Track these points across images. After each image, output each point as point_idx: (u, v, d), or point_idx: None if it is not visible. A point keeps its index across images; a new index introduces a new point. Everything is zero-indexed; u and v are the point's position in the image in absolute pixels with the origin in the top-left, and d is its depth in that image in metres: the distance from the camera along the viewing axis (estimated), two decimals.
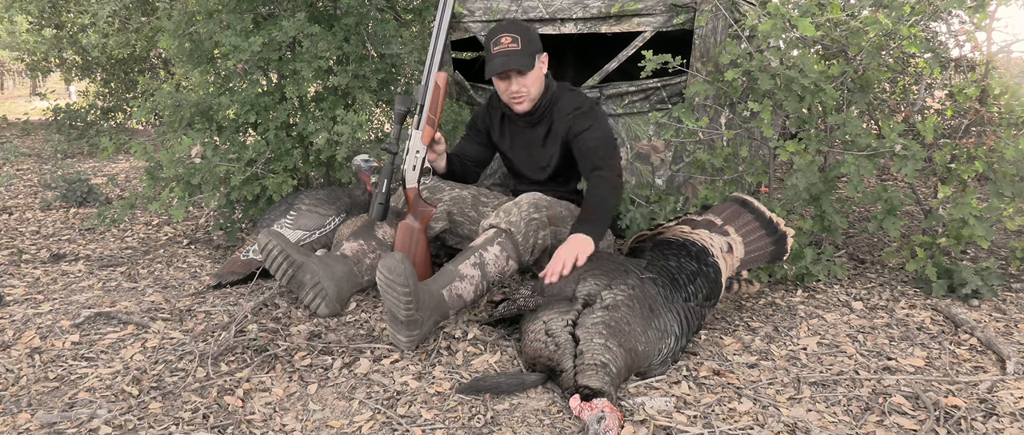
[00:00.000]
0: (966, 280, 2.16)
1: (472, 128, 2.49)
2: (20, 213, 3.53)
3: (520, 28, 2.19)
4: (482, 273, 2.00)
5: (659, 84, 2.65)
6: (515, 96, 2.23)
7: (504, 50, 2.15)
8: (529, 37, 2.18)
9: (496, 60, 2.16)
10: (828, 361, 1.81)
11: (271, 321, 2.03)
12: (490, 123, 2.45)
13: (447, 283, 1.94)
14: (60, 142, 5.44)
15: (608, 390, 1.51)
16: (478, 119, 2.48)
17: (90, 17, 5.91)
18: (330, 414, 1.57)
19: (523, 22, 2.28)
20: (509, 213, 2.09)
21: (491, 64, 2.17)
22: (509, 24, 2.21)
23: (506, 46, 2.15)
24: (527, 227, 2.07)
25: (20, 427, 1.51)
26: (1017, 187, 2.22)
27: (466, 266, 1.99)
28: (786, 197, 2.29)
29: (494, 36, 2.17)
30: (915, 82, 2.83)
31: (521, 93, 2.22)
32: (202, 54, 2.72)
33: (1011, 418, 1.53)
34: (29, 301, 2.25)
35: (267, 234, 2.12)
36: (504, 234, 2.05)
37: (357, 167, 2.51)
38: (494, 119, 2.44)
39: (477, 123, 2.48)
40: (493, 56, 2.17)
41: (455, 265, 1.99)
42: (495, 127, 2.44)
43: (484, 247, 2.04)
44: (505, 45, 2.15)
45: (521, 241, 2.06)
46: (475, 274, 1.98)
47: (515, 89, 2.21)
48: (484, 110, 2.48)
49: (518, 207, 2.10)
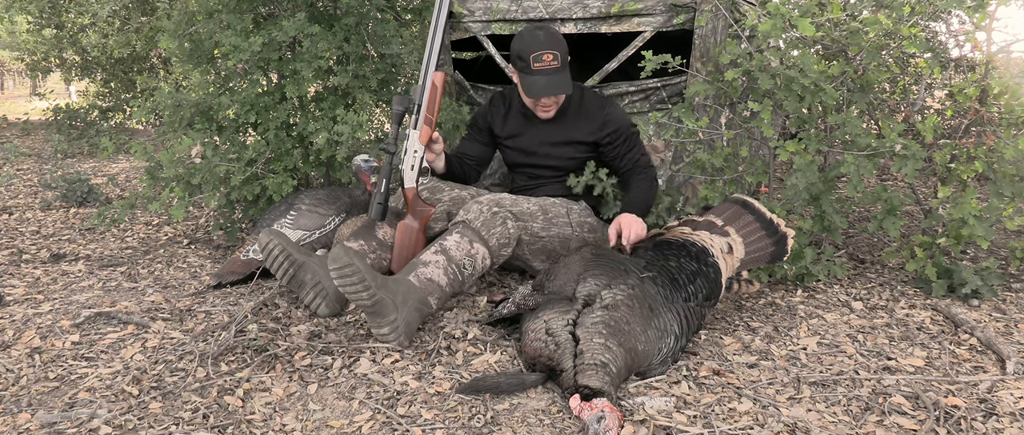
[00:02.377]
0: (966, 280, 2.16)
1: (473, 127, 2.50)
2: (20, 213, 3.53)
3: (558, 41, 2.19)
4: (446, 257, 2.00)
5: (659, 84, 2.65)
6: (546, 107, 2.29)
7: (547, 68, 2.17)
8: (564, 50, 2.20)
9: (539, 80, 2.18)
10: (828, 361, 1.81)
11: (271, 321, 2.03)
12: (492, 120, 2.46)
13: (411, 271, 1.96)
14: (60, 142, 5.44)
15: (608, 390, 1.51)
16: (479, 118, 2.49)
17: (90, 17, 5.91)
18: (330, 414, 1.57)
19: (555, 30, 2.27)
20: (469, 210, 2.11)
21: (534, 83, 2.18)
22: (547, 37, 2.20)
23: (548, 64, 2.17)
24: (490, 217, 2.08)
25: (20, 427, 1.51)
26: (1017, 187, 2.22)
27: (428, 254, 2.01)
28: (786, 197, 2.29)
29: (536, 50, 2.16)
30: (915, 82, 2.83)
31: (554, 105, 2.30)
32: (202, 54, 2.72)
33: (1011, 418, 1.53)
34: (29, 301, 2.25)
35: (268, 233, 2.12)
36: (461, 224, 2.07)
37: (357, 167, 2.51)
38: (497, 115, 2.45)
39: (478, 122, 2.49)
40: (535, 74, 2.18)
41: (417, 256, 2.01)
42: (499, 123, 2.44)
43: (443, 238, 2.07)
44: (547, 63, 2.17)
45: (481, 227, 2.06)
46: (439, 259, 1.99)
47: (549, 103, 2.28)
48: (486, 108, 2.49)
49: (478, 204, 2.12)
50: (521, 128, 2.42)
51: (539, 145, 2.40)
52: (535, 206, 2.21)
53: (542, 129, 2.39)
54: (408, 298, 1.88)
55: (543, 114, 2.33)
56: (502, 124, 2.45)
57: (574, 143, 2.37)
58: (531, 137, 2.41)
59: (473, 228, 2.05)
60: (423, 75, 2.17)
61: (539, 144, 2.40)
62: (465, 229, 2.06)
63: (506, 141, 2.46)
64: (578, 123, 2.36)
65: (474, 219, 2.06)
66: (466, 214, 2.09)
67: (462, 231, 2.06)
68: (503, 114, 2.45)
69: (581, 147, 2.37)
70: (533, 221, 2.18)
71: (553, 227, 2.22)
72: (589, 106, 2.36)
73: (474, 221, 2.06)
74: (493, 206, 2.10)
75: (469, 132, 2.51)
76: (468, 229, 2.06)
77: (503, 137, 2.46)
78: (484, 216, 2.07)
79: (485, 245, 2.05)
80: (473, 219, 2.06)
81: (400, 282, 1.90)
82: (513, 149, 2.46)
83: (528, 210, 2.18)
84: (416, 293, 1.91)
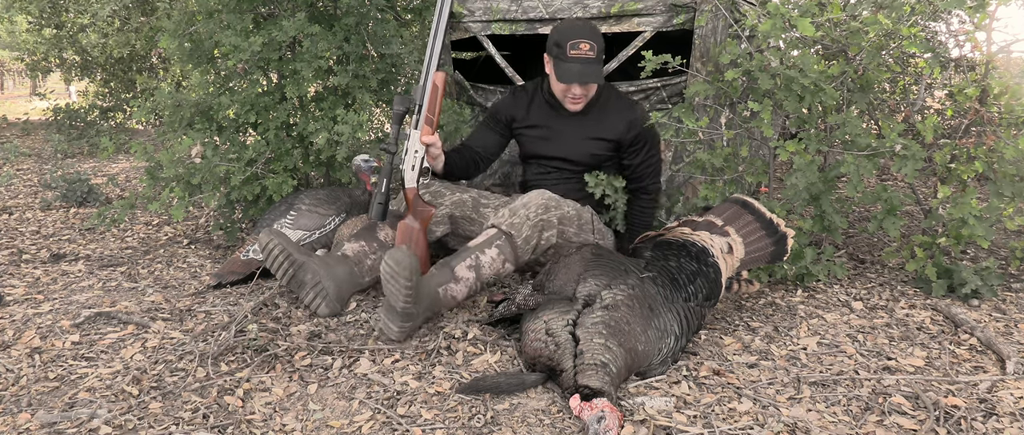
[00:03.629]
0: (966, 280, 2.16)
1: (492, 118, 2.49)
2: (20, 213, 3.53)
3: (595, 33, 2.21)
4: (477, 275, 2.03)
5: (659, 84, 2.65)
6: (576, 99, 2.28)
7: (582, 57, 2.18)
8: (601, 44, 2.21)
9: (574, 67, 2.19)
10: (828, 361, 1.81)
11: (271, 321, 2.03)
12: (514, 111, 2.45)
13: (443, 283, 1.97)
14: (60, 142, 5.44)
15: (608, 390, 1.51)
16: (499, 109, 2.48)
17: (90, 17, 5.91)
18: (330, 414, 1.57)
19: (593, 23, 2.28)
20: (515, 213, 2.09)
21: (568, 69, 2.19)
22: (586, 28, 2.22)
23: (584, 53, 2.18)
24: (532, 229, 2.08)
25: (20, 427, 1.51)
26: (1017, 187, 2.22)
27: (462, 268, 2.01)
28: (786, 197, 2.29)
29: (572, 38, 2.18)
30: (915, 82, 2.83)
31: (583, 98, 2.29)
32: (202, 54, 2.72)
33: (1011, 418, 1.53)
34: (29, 301, 2.25)
35: (268, 233, 2.12)
36: (504, 237, 2.06)
37: (357, 167, 2.50)
38: (520, 105, 2.44)
39: (498, 114, 2.48)
40: (570, 60, 2.19)
41: (452, 265, 2.00)
42: (522, 113, 2.44)
43: (482, 249, 2.04)
44: (583, 52, 2.18)
45: (521, 243, 2.06)
46: (470, 276, 2.01)
47: (579, 94, 2.27)
48: (508, 99, 2.49)
49: (526, 208, 2.10)
50: (545, 119, 2.41)
51: (562, 137, 2.39)
52: (573, 211, 2.22)
53: (568, 122, 2.38)
54: (428, 309, 1.94)
55: (572, 106, 2.32)
56: (524, 114, 2.43)
57: (598, 140, 2.36)
58: (555, 128, 2.39)
59: (514, 244, 2.06)
60: (424, 75, 2.17)
61: (562, 136, 2.39)
62: (505, 245, 2.06)
63: (526, 130, 2.44)
64: (604, 121, 2.36)
65: (517, 234, 2.06)
66: (511, 220, 2.07)
67: (501, 247, 2.05)
68: (526, 104, 2.44)
69: (604, 145, 2.37)
70: (569, 226, 2.20)
71: (582, 233, 2.25)
72: (618, 105, 2.38)
73: (517, 237, 2.06)
74: (541, 213, 2.10)
75: (486, 122, 2.50)
76: (508, 245, 2.06)
77: (524, 125, 2.44)
78: (528, 229, 2.07)
79: (515, 264, 2.08)
80: (516, 234, 2.06)
81: (429, 291, 1.93)
82: (534, 138, 2.44)
83: (568, 215, 2.19)
84: (436, 305, 1.97)
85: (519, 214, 2.09)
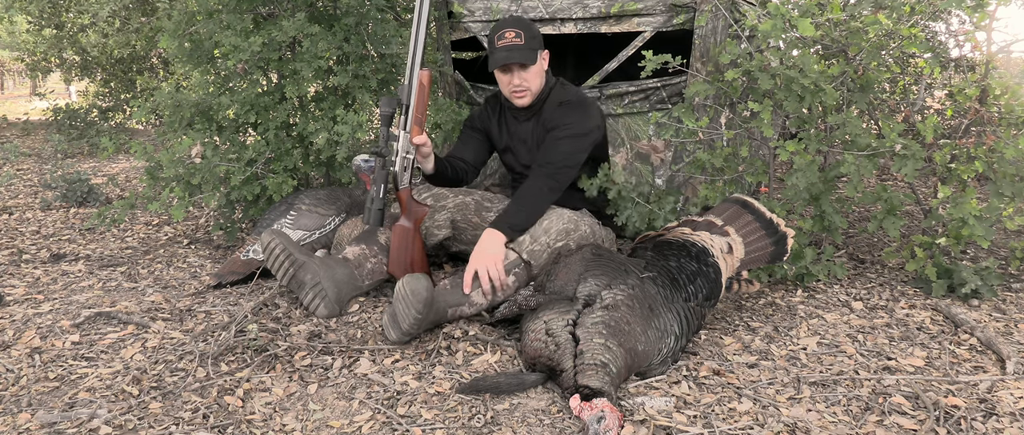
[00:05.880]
0: (966, 280, 2.16)
1: (469, 128, 2.48)
2: (20, 213, 3.53)
3: (523, 24, 2.23)
4: (491, 300, 2.04)
5: (659, 84, 2.65)
6: (516, 90, 2.26)
7: (508, 44, 2.19)
8: (532, 33, 2.22)
9: (499, 54, 2.20)
10: (828, 361, 1.81)
11: (271, 321, 2.03)
12: (488, 122, 2.45)
13: (454, 305, 1.99)
14: (60, 142, 5.44)
15: (608, 390, 1.51)
16: (475, 119, 2.48)
17: (90, 17, 5.91)
18: (330, 414, 1.57)
19: (526, 19, 2.33)
20: (536, 240, 2.11)
21: (495, 57, 2.21)
22: (513, 20, 2.26)
23: (510, 41, 2.19)
24: (549, 255, 2.10)
25: (20, 427, 1.51)
26: (1017, 187, 2.22)
27: (478, 294, 2.02)
28: (786, 197, 2.29)
29: (498, 30, 2.22)
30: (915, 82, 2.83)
31: (523, 87, 2.25)
32: (202, 54, 2.72)
33: (1011, 418, 1.53)
34: (29, 301, 2.25)
35: (270, 233, 2.12)
36: (523, 265, 2.07)
37: (357, 167, 2.50)
38: (491, 117, 2.44)
39: (474, 123, 2.48)
40: (496, 49, 2.21)
41: (469, 289, 2.01)
42: (494, 125, 2.44)
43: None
44: (509, 39, 2.19)
45: (536, 269, 2.09)
46: (482, 301, 2.03)
47: (517, 83, 2.24)
48: (482, 109, 2.49)
49: (547, 234, 2.12)
50: (509, 128, 2.40)
51: (525, 144, 2.37)
52: (588, 229, 2.23)
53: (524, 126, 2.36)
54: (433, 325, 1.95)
55: (517, 100, 2.28)
56: (495, 123, 2.44)
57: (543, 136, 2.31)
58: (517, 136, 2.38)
59: (529, 272, 2.08)
60: (408, 74, 2.16)
61: (526, 143, 2.37)
62: (523, 272, 2.07)
63: (496, 139, 2.45)
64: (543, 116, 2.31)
65: (536, 263, 2.08)
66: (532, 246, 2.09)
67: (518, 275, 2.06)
68: (497, 113, 2.44)
69: None
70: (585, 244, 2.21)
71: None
72: (553, 99, 2.31)
73: (535, 266, 2.08)
74: (561, 238, 2.14)
75: (463, 133, 2.48)
76: (525, 273, 2.07)
77: (495, 136, 2.45)
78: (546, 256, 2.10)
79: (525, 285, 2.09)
80: (535, 263, 2.08)
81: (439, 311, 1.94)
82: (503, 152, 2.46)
83: (585, 235, 2.20)
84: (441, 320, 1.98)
85: (540, 242, 2.11)
